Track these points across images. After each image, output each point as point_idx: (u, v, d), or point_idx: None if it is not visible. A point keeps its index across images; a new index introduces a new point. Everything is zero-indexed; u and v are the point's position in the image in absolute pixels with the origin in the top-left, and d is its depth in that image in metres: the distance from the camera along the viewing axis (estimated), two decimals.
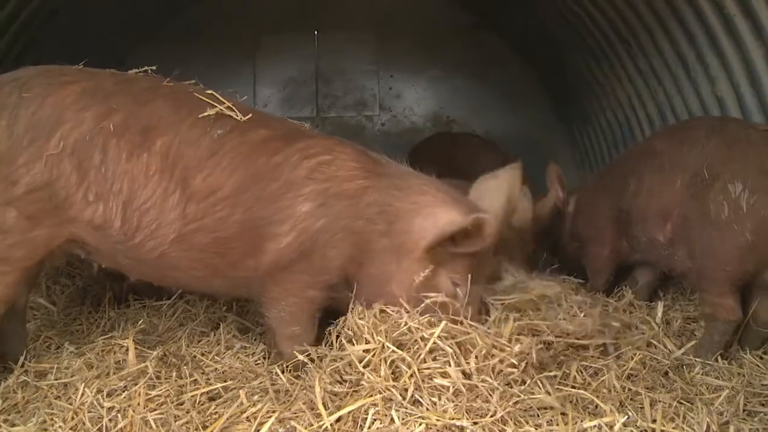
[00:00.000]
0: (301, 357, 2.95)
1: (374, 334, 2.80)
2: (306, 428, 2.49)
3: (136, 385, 2.78)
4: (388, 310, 2.90)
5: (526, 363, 2.75)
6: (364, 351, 2.77)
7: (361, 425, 2.50)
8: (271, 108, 8.29)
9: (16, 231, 2.78)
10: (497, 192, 3.18)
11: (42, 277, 4.66)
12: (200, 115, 2.89)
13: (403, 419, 2.49)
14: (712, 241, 3.42)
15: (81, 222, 2.83)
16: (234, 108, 2.96)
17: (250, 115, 2.97)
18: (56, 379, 2.93)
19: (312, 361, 2.94)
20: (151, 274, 3.11)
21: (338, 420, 2.53)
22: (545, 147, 7.75)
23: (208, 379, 2.95)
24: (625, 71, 5.87)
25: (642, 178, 3.93)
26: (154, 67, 3.13)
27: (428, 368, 2.70)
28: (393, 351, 2.72)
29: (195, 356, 3.20)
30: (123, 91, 2.87)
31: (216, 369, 3.10)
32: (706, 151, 3.54)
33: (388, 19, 8.11)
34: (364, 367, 2.70)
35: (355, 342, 2.84)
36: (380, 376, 2.65)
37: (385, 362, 2.70)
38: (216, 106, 2.93)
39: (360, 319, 2.91)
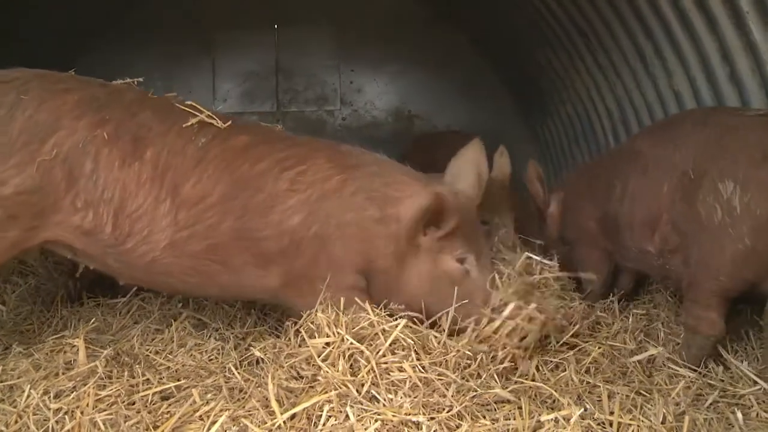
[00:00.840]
0: (257, 353, 2.91)
1: (334, 328, 2.78)
2: (259, 426, 2.44)
3: (85, 385, 2.70)
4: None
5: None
6: (323, 345, 2.74)
7: (315, 422, 2.46)
8: (231, 103, 8.20)
9: None
10: (467, 167, 3.33)
11: None
12: (184, 125, 2.98)
13: (358, 416, 2.46)
14: (704, 248, 3.05)
15: (68, 226, 2.86)
16: (214, 116, 3.06)
17: (229, 122, 3.06)
18: (1, 382, 2.83)
19: (265, 357, 2.90)
20: (143, 278, 3.14)
21: (292, 417, 2.49)
22: (506, 140, 7.63)
23: (161, 378, 2.88)
24: (584, 64, 5.89)
25: (626, 182, 3.60)
26: (141, 79, 3.21)
27: (386, 362, 2.68)
28: (352, 344, 2.70)
29: (148, 355, 3.13)
30: (114, 101, 2.94)
31: (169, 368, 3.03)
32: (692, 148, 3.20)
33: (348, 13, 8.05)
34: (322, 361, 2.67)
35: (316, 336, 2.81)
36: (338, 371, 2.62)
37: (344, 356, 2.68)
38: (198, 115, 3.02)
39: (322, 313, 2.88)
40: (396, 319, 2.84)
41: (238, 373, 2.86)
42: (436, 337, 2.85)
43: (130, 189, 2.85)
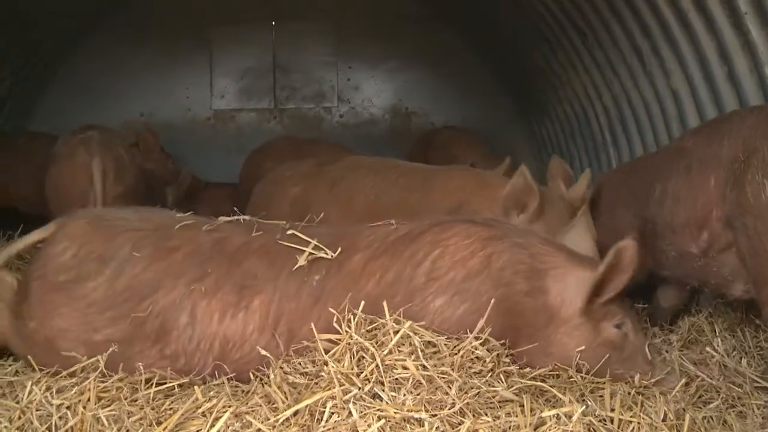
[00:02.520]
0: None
1: (343, 326, 2.79)
2: (262, 423, 2.45)
3: (86, 380, 2.71)
4: None
5: None
6: (329, 341, 2.75)
7: (318, 419, 2.47)
8: (228, 99, 8.21)
9: None
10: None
11: None
12: (293, 268, 2.86)
13: (361, 412, 2.47)
14: (757, 231, 2.83)
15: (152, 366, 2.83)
16: (322, 246, 2.90)
17: (339, 250, 2.90)
18: (2, 377, 2.85)
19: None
20: None
21: (295, 414, 2.50)
22: (503, 138, 7.81)
23: (163, 375, 2.89)
24: (581, 62, 5.92)
25: (667, 183, 3.42)
26: (247, 217, 3.15)
27: (391, 359, 2.68)
28: (358, 340, 2.70)
29: None
30: (218, 253, 2.90)
31: None
32: (741, 134, 3.03)
33: (346, 10, 8.08)
34: (330, 357, 2.68)
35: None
36: (343, 367, 2.63)
37: (350, 352, 2.68)
38: (304, 250, 2.89)
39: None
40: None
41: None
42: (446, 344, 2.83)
43: (234, 341, 2.81)
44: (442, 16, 8.08)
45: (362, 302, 2.81)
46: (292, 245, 2.94)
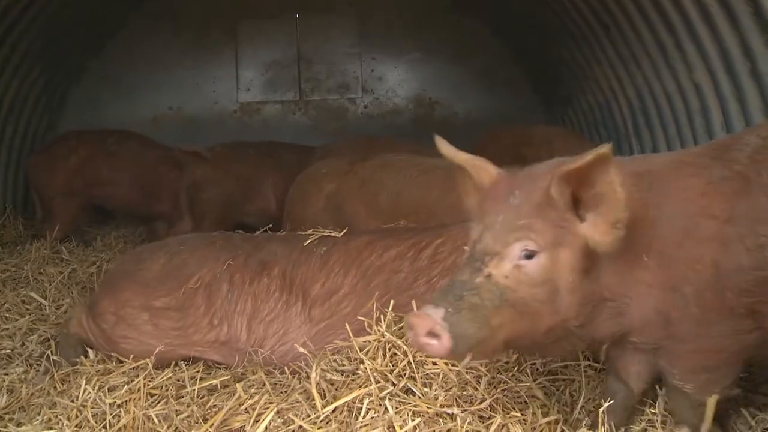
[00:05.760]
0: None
1: (375, 325, 2.92)
2: (303, 419, 2.59)
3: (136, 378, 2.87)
4: None
5: None
6: (364, 340, 2.89)
7: (356, 414, 2.60)
8: (254, 92, 8.33)
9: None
10: None
11: (28, 270, 4.74)
12: (305, 243, 3.38)
13: (396, 408, 2.59)
14: None
15: (205, 343, 3.25)
16: (332, 233, 3.43)
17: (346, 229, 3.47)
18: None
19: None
20: None
21: (334, 410, 2.63)
22: None
23: (208, 373, 3.04)
24: (605, 55, 5.95)
25: None
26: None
27: (421, 356, 2.80)
28: (390, 338, 2.82)
29: None
30: (250, 242, 3.48)
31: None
32: None
33: (369, 1, 8.14)
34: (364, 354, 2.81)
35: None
36: (377, 364, 2.75)
37: (383, 350, 2.81)
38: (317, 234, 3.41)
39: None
40: None
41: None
42: None
43: (261, 298, 3.23)
44: (465, 6, 8.11)
45: (392, 301, 3.02)
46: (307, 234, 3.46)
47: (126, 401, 2.74)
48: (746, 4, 3.87)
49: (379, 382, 2.69)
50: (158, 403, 2.77)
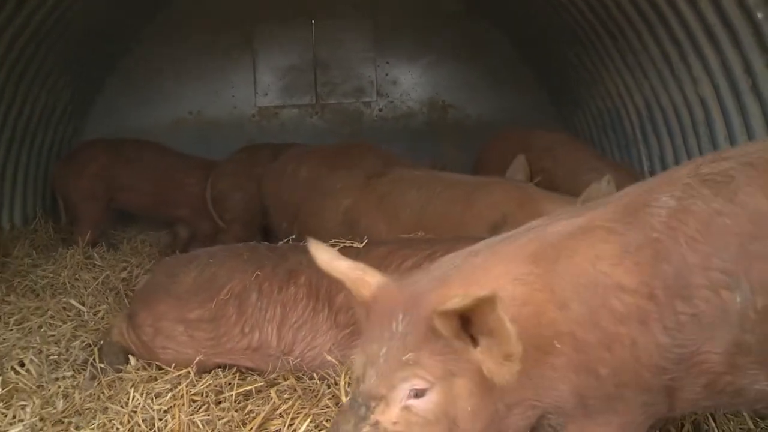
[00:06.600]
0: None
1: None
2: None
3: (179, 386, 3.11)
4: None
5: None
6: None
7: None
8: (271, 97, 8.54)
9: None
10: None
11: (65, 276, 5.00)
12: None
13: None
14: None
15: (237, 351, 3.44)
16: (352, 244, 3.58)
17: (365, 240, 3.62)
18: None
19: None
20: None
21: None
22: None
23: (243, 379, 3.29)
24: (613, 63, 6.14)
25: None
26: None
27: None
28: None
29: None
30: (273, 254, 3.66)
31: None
32: None
33: (383, 7, 8.34)
34: None
35: None
36: None
37: None
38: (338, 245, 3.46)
39: None
40: None
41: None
42: None
43: (289, 305, 3.43)
44: (478, 11, 8.31)
45: None
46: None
47: (171, 407, 2.98)
48: (747, 24, 4.07)
49: None
50: (200, 408, 3.01)
